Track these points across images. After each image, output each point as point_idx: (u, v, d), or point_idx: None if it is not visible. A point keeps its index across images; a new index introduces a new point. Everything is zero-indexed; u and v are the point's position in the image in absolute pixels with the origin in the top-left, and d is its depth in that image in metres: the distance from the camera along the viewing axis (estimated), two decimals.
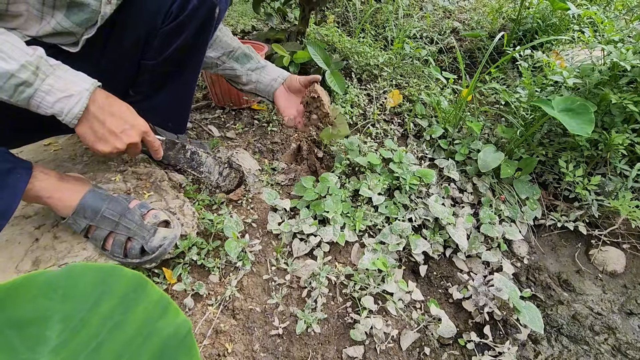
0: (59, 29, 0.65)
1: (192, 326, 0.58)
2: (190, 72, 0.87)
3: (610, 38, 1.18)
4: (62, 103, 0.60)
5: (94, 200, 0.75)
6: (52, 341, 0.28)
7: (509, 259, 1.10)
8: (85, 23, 0.67)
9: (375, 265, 0.88)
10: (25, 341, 0.27)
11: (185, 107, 0.94)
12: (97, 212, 0.75)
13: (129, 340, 0.27)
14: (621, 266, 1.09)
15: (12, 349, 0.26)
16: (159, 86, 0.85)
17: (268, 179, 1.12)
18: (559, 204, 1.21)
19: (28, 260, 0.75)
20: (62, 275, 0.30)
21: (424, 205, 1.09)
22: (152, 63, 0.80)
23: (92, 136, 0.65)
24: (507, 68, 1.72)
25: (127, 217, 0.76)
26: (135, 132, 0.69)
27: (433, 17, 2.06)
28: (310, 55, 1.28)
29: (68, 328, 0.28)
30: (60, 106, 0.60)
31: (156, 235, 0.76)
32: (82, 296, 0.30)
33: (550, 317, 0.98)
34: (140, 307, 0.28)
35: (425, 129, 1.36)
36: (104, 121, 0.65)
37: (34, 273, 0.30)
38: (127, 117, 0.68)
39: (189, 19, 0.75)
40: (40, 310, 0.29)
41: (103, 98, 0.65)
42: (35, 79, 0.57)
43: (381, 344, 0.82)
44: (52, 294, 0.29)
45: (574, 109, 1.01)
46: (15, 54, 0.55)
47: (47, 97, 0.59)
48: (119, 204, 0.77)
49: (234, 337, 0.78)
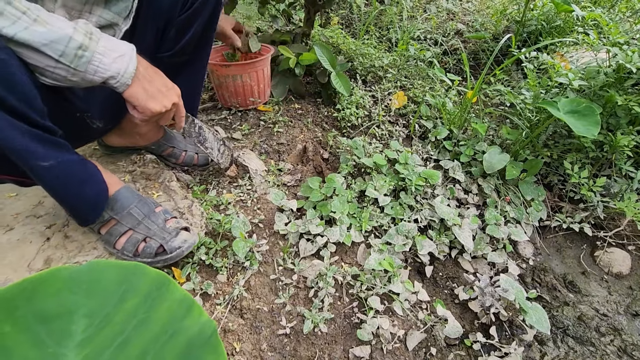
0: (102, 22, 0.67)
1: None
2: (200, 61, 0.91)
3: (615, 40, 1.18)
4: (117, 63, 0.60)
5: (127, 196, 0.78)
6: (77, 335, 0.28)
7: (515, 260, 1.10)
8: (124, 11, 0.69)
9: (382, 266, 0.89)
10: (52, 335, 0.28)
11: (196, 95, 0.98)
12: (125, 208, 0.77)
13: (154, 338, 0.28)
14: (627, 268, 1.09)
15: (41, 343, 0.27)
16: (172, 77, 0.88)
17: (274, 180, 1.13)
18: (564, 205, 1.21)
19: (40, 259, 0.76)
20: (85, 270, 0.31)
21: (430, 206, 1.09)
22: (167, 55, 0.82)
23: (144, 94, 0.66)
24: (512, 70, 1.72)
25: (151, 218, 0.79)
26: (175, 94, 0.71)
27: (437, 19, 2.06)
28: (316, 56, 1.28)
29: (93, 323, 0.29)
30: (117, 67, 0.60)
31: (178, 237, 0.79)
32: (106, 292, 0.30)
33: (555, 318, 0.98)
34: (164, 305, 0.29)
35: (430, 130, 1.37)
36: (152, 80, 0.66)
37: (57, 267, 0.31)
38: (166, 80, 0.70)
39: (202, 6, 0.79)
40: (65, 305, 0.29)
41: (142, 60, 0.67)
42: (90, 41, 0.57)
43: (387, 344, 0.82)
44: (76, 288, 0.30)
45: (579, 110, 1.01)
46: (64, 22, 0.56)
47: (104, 59, 0.59)
48: (147, 205, 0.80)
49: (242, 337, 0.79)
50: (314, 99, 1.51)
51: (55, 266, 0.77)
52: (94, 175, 0.72)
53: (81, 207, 0.72)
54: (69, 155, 0.65)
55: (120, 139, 0.98)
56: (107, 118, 0.75)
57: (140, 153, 1.04)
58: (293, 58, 1.30)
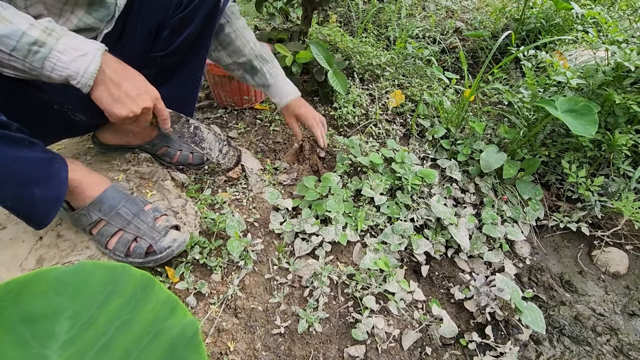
0: (82, 25, 0.66)
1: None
2: (197, 61, 0.89)
3: (614, 38, 1.18)
4: (77, 62, 0.58)
5: (114, 196, 0.77)
6: (61, 337, 0.28)
7: (511, 259, 1.10)
8: (106, 17, 0.68)
9: (377, 265, 0.88)
10: (36, 337, 0.27)
11: (192, 95, 0.96)
12: (113, 208, 0.76)
13: (137, 338, 0.28)
14: (624, 267, 1.09)
15: (25, 344, 0.27)
16: (167, 77, 0.87)
17: (270, 179, 1.12)
18: (562, 204, 1.20)
19: (32, 259, 0.76)
20: (73, 272, 0.31)
21: (426, 205, 1.09)
22: (161, 55, 0.81)
23: (109, 99, 0.64)
24: (510, 68, 1.72)
25: (140, 217, 0.78)
26: (149, 97, 0.69)
27: (436, 17, 2.05)
28: (312, 55, 1.28)
29: (77, 325, 0.29)
30: (76, 66, 0.58)
31: (167, 236, 0.78)
32: (92, 294, 0.30)
33: (552, 318, 0.98)
34: (149, 306, 0.29)
35: (428, 129, 1.36)
36: (120, 84, 0.64)
37: (45, 269, 0.30)
38: (140, 82, 0.68)
39: (199, 6, 0.77)
40: (50, 306, 0.29)
41: (114, 61, 0.65)
42: (48, 37, 0.56)
43: (383, 344, 0.82)
44: (62, 290, 0.30)
45: (577, 109, 1.00)
46: (21, 17, 0.55)
47: (63, 57, 0.57)
48: (135, 204, 0.79)
49: (236, 336, 0.79)
50: (311, 98, 1.51)
51: (48, 266, 0.77)
52: (49, 177, 0.67)
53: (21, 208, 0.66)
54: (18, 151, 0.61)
55: (113, 136, 0.97)
56: (90, 111, 0.72)
57: (134, 152, 1.03)
58: (290, 56, 1.29)
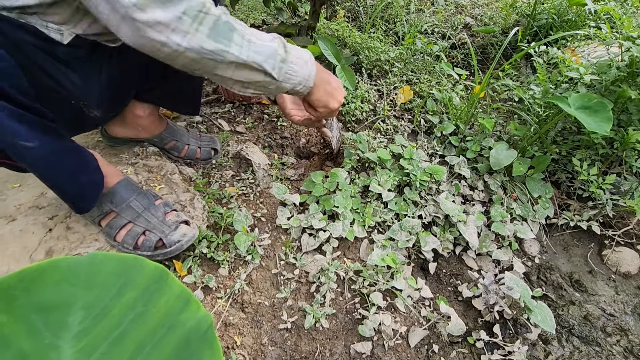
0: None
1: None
2: None
3: (628, 34, 1.15)
4: (304, 70, 0.63)
5: (126, 188, 0.78)
6: (74, 327, 0.28)
7: (520, 257, 1.08)
8: None
9: (385, 262, 0.88)
10: (49, 326, 0.27)
11: (197, 91, 0.98)
12: (125, 200, 0.77)
13: (152, 331, 0.27)
14: (635, 267, 1.07)
15: (38, 334, 0.26)
16: (174, 71, 0.87)
17: (277, 174, 1.12)
18: (572, 203, 1.19)
19: (42, 250, 0.76)
20: (85, 262, 0.30)
21: (434, 202, 1.08)
22: None
23: (326, 96, 0.68)
24: (520, 65, 1.69)
25: (151, 211, 0.79)
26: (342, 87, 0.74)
27: (445, 12, 2.02)
28: (320, 50, 1.26)
29: (90, 316, 0.28)
30: (304, 73, 0.62)
31: (177, 230, 0.78)
32: (104, 285, 0.30)
33: (561, 317, 0.97)
34: (162, 299, 0.28)
35: (436, 125, 1.35)
36: (329, 80, 0.69)
37: (57, 258, 0.30)
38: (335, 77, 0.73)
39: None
40: (63, 296, 0.29)
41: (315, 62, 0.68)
42: (286, 53, 0.59)
43: (389, 341, 0.82)
44: (74, 279, 0.29)
45: (591, 106, 0.98)
46: (264, 35, 0.58)
47: (294, 67, 0.61)
48: (146, 198, 0.80)
49: (243, 330, 0.79)
50: None
51: (56, 257, 0.77)
52: (87, 164, 0.71)
53: (72, 194, 0.71)
54: (57, 140, 0.63)
55: (122, 129, 0.97)
56: (106, 107, 0.73)
57: (142, 145, 1.03)
58: None
